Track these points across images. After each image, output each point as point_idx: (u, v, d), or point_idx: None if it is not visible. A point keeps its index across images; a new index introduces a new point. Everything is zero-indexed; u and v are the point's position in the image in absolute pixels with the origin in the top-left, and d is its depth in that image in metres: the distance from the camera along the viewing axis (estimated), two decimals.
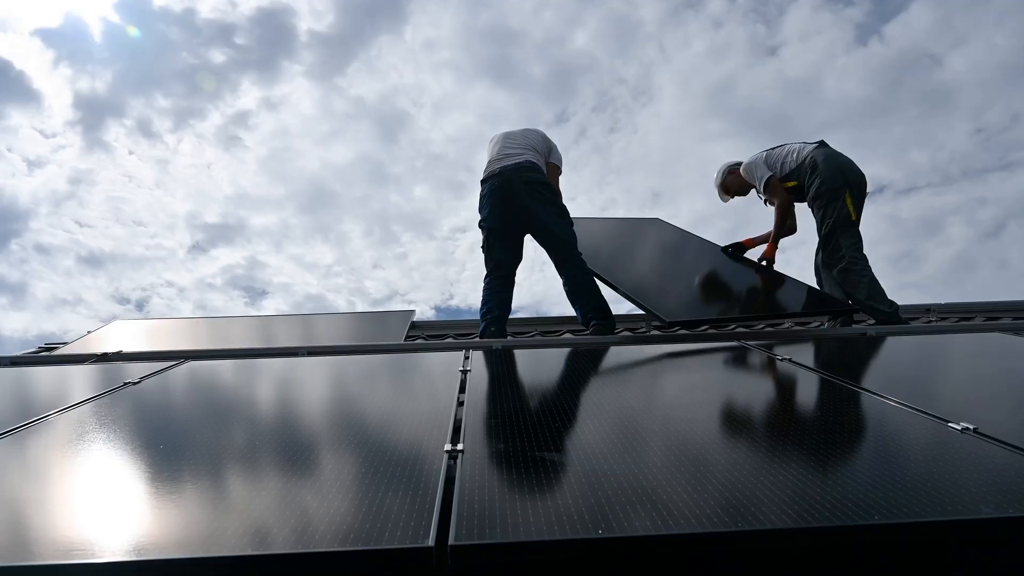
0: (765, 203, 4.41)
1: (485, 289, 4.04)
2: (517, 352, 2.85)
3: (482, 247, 4.08)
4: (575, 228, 3.99)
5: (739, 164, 4.54)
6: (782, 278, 4.25)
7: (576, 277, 3.89)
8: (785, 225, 4.37)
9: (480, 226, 4.06)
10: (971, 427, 1.50)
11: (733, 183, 4.59)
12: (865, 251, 3.98)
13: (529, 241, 4.10)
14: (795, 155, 4.18)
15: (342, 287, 13.86)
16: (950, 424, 1.54)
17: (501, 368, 2.47)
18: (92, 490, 1.29)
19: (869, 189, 4.08)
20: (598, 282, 3.94)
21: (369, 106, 15.79)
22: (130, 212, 13.35)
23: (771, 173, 4.25)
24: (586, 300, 3.85)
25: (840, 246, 3.93)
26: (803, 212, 4.31)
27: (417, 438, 1.56)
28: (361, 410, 1.88)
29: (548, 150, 4.20)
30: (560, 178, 4.21)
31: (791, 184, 4.21)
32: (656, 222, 5.33)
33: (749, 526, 1.02)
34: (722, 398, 1.89)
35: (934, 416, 1.62)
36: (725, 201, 4.71)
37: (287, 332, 4.38)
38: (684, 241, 4.92)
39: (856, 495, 1.12)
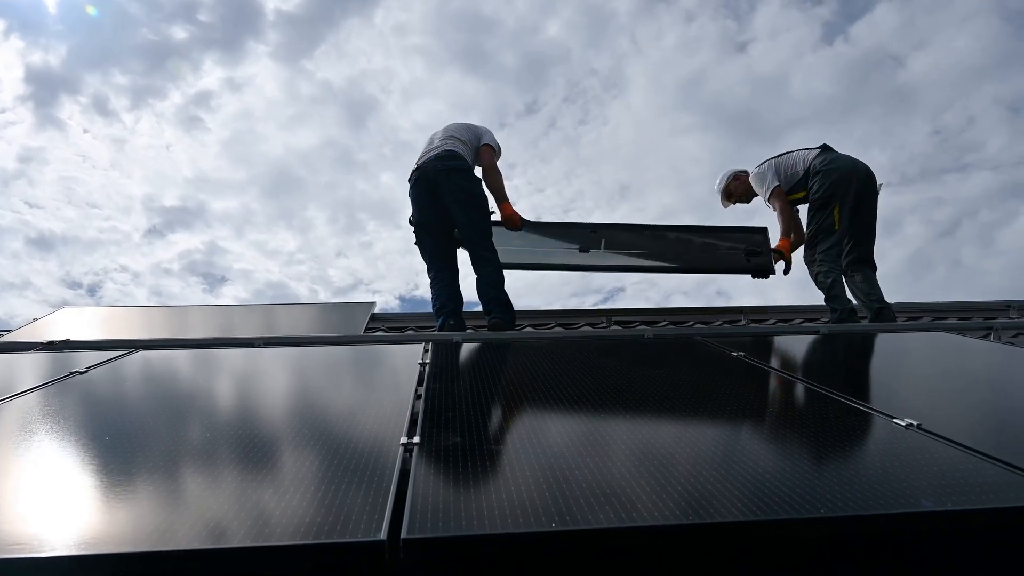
0: (773, 208, 4.49)
1: (432, 286, 4.04)
2: (477, 345, 2.85)
3: (415, 243, 4.08)
4: None
5: (744, 171, 4.61)
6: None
7: (481, 269, 3.96)
8: (791, 227, 4.47)
9: (409, 223, 4.08)
10: (915, 423, 1.55)
11: (737, 189, 4.61)
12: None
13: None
14: (801, 164, 4.27)
15: (305, 275, 13.65)
16: (895, 420, 1.59)
17: (460, 361, 2.46)
18: (35, 483, 1.25)
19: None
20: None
21: (336, 90, 15.54)
22: (83, 193, 12.92)
23: (778, 183, 4.32)
24: (488, 292, 3.93)
25: (816, 251, 4.14)
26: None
27: (373, 431, 1.54)
28: (317, 403, 1.85)
29: (476, 136, 4.18)
30: (499, 161, 4.20)
31: (799, 195, 4.29)
32: None
33: (699, 519, 1.03)
34: (677, 393, 1.92)
35: (881, 412, 1.67)
36: (725, 206, 4.72)
37: (244, 322, 4.30)
38: None
39: (804, 489, 1.15)
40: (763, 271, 4.31)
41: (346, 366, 2.41)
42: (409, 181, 4.06)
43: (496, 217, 4.13)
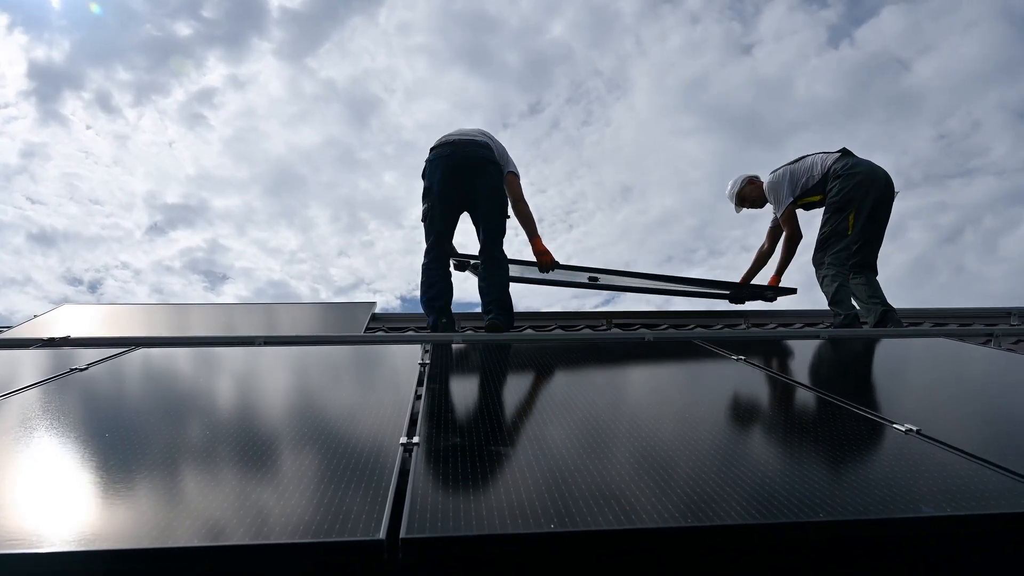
0: (778, 225, 4.53)
1: (427, 269, 3.93)
2: (477, 347, 2.85)
3: (422, 218, 3.98)
4: None
5: (756, 176, 4.62)
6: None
7: (490, 268, 3.94)
8: (790, 260, 4.55)
9: (424, 195, 3.96)
10: (915, 428, 1.55)
11: (751, 193, 4.61)
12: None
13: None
14: (819, 167, 4.25)
15: (306, 274, 13.64)
16: (895, 425, 1.59)
17: (460, 362, 2.46)
18: (35, 480, 1.25)
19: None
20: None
21: (340, 89, 15.52)
22: (86, 189, 12.91)
23: (792, 199, 4.32)
24: (491, 292, 3.91)
25: (826, 253, 4.16)
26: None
27: (373, 431, 1.54)
28: (317, 402, 1.85)
29: (504, 154, 4.14)
30: (522, 180, 4.19)
31: (815, 199, 4.29)
32: None
33: (699, 522, 1.03)
34: (676, 397, 1.92)
35: (881, 417, 1.67)
36: (738, 211, 4.72)
37: (244, 321, 4.30)
38: None
39: (804, 492, 1.15)
40: (738, 300, 4.85)
41: (346, 366, 2.41)
42: (434, 149, 3.96)
43: (531, 256, 4.17)
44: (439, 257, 3.96)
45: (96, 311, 4.57)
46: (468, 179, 3.86)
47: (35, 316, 4.38)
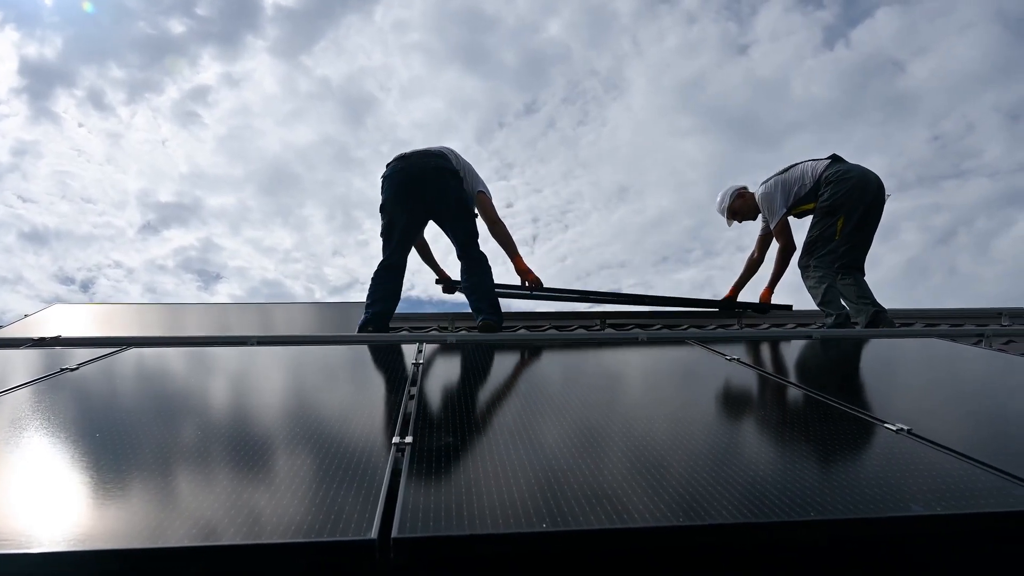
0: (768, 234, 4.56)
1: (375, 279, 3.99)
2: (471, 346, 2.85)
3: (381, 233, 4.02)
4: None
5: (744, 187, 4.64)
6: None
7: (473, 268, 3.96)
8: (783, 272, 4.60)
9: (381, 210, 3.99)
10: (906, 428, 1.56)
11: (742, 207, 4.62)
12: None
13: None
14: (810, 175, 4.26)
15: (300, 273, 13.58)
16: (887, 425, 1.60)
17: (454, 362, 2.46)
18: (24, 480, 1.24)
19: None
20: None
21: (335, 87, 15.45)
22: (78, 188, 12.83)
23: (785, 210, 4.34)
24: (478, 294, 3.94)
25: (812, 256, 4.20)
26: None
27: (366, 431, 1.54)
28: (310, 402, 1.85)
29: (469, 170, 4.13)
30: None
31: (808, 206, 4.31)
32: None
33: (691, 521, 1.04)
34: (672, 397, 1.92)
35: (872, 417, 1.68)
36: (730, 224, 4.72)
37: (238, 321, 4.29)
38: None
39: (796, 492, 1.16)
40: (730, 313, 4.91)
41: (340, 365, 2.41)
42: (389, 165, 4.00)
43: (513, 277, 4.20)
44: (385, 272, 3.97)
45: (88, 311, 4.55)
46: (421, 191, 3.89)
47: (26, 315, 4.36)
